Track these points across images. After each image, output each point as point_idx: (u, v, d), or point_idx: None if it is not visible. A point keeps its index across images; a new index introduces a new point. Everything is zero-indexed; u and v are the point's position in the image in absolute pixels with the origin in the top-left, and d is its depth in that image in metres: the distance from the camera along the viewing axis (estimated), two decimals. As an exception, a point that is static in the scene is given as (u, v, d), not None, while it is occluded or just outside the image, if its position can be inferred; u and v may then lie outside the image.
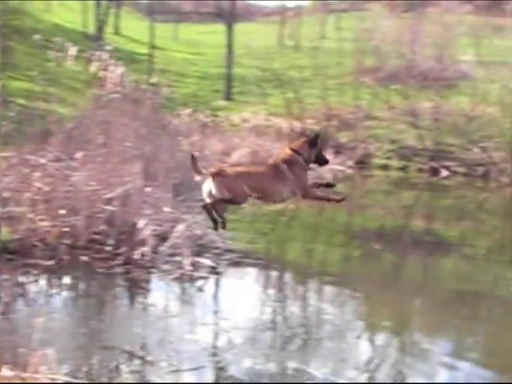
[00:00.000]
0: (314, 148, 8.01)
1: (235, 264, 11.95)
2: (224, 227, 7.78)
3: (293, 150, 7.98)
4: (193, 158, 7.49)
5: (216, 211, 7.63)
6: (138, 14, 57.13)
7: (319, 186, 8.13)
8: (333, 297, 11.27)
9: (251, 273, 12.07)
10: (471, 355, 8.97)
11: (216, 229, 7.63)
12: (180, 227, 11.84)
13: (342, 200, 8.09)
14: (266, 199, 7.99)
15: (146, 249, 11.32)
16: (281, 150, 8.19)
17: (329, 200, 8.07)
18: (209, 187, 7.47)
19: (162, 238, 11.78)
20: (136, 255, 11.23)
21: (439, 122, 28.26)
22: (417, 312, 10.62)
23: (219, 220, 7.64)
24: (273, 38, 44.78)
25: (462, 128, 28.01)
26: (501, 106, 29.12)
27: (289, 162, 7.89)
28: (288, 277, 12.81)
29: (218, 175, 7.43)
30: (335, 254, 14.91)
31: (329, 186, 8.20)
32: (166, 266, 11.17)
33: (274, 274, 12.70)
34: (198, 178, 7.53)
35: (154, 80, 20.58)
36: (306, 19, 47.60)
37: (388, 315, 10.20)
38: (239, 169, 7.77)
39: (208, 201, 7.46)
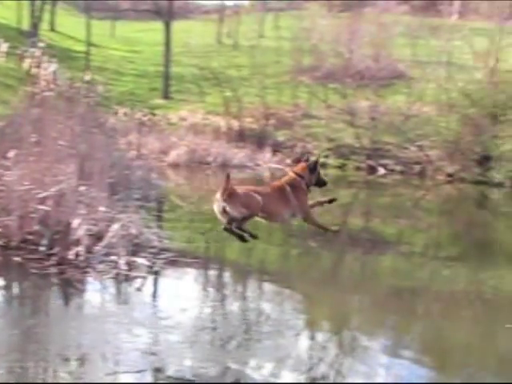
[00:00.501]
0: (314, 173, 8.74)
1: (173, 263, 11.81)
2: (254, 237, 8.42)
3: (296, 173, 8.66)
4: (228, 177, 8.07)
5: (239, 229, 8.21)
6: (74, 10, 56.39)
7: (322, 203, 8.88)
8: (272, 295, 11.21)
9: (190, 272, 11.94)
10: (409, 353, 9.00)
11: (245, 240, 8.24)
12: (115, 226, 11.65)
13: (337, 232, 8.92)
14: (269, 219, 8.58)
15: (80, 249, 11.10)
16: (284, 174, 8.87)
17: (326, 229, 8.74)
18: (222, 207, 8.03)
19: (98, 237, 11.57)
20: (70, 255, 11.00)
21: (376, 120, 28.49)
22: (355, 309, 10.62)
23: (246, 234, 8.26)
24: (211, 36, 44.63)
25: (398, 127, 28.28)
26: (436, 105, 29.50)
27: (292, 185, 8.56)
28: (227, 276, 12.73)
29: (230, 195, 8.00)
30: (274, 252, 14.87)
31: (331, 201, 8.96)
32: (101, 266, 10.97)
33: (213, 273, 12.61)
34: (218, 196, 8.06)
35: (87, 77, 20.27)
36: (245, 18, 47.53)
37: (327, 313, 10.19)
38: (248, 187, 8.37)
39: (223, 220, 8.07)
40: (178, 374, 7.74)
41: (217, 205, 8.10)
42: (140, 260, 11.38)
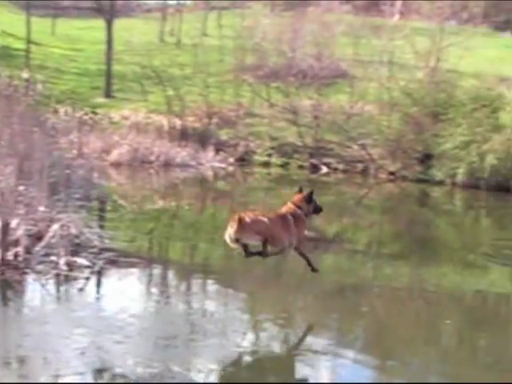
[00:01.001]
0: (310, 203, 9.75)
1: (115, 263, 11.66)
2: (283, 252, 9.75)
3: (296, 205, 9.63)
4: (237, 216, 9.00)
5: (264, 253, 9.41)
6: (13, 7, 55.49)
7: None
8: (216, 295, 11.15)
9: (133, 272, 11.81)
10: (352, 353, 9.01)
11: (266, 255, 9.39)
12: (55, 226, 11.48)
13: (316, 271, 9.85)
14: (271, 243, 9.35)
15: (19, 249, 10.91)
16: (284, 205, 9.71)
17: (309, 264, 9.80)
18: (234, 239, 9.10)
19: (37, 237, 11.39)
20: (9, 256, 10.82)
21: (319, 119, 28.62)
22: (299, 308, 10.61)
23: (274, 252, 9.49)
24: (153, 34, 44.34)
25: (341, 125, 28.44)
26: (378, 104, 29.74)
27: (294, 215, 9.53)
28: (171, 275, 12.63)
29: (241, 228, 8.98)
30: (217, 251, 14.81)
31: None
32: (40, 267, 10.78)
33: (157, 272, 12.50)
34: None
35: (26, 75, 19.92)
36: (187, 16, 47.32)
37: (271, 312, 10.15)
38: (254, 213, 9.30)
39: (233, 245, 9.20)
40: (120, 374, 7.63)
41: (229, 237, 9.08)
42: (80, 260, 11.22)
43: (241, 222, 8.97)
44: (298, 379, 7.97)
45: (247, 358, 8.34)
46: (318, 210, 9.98)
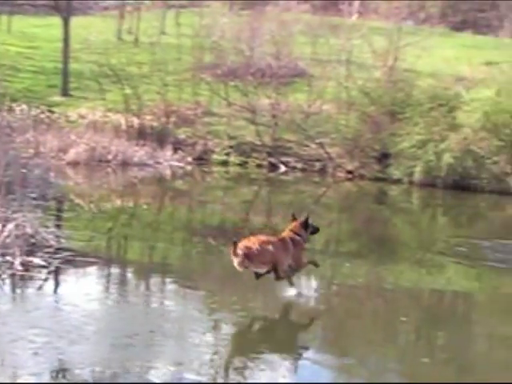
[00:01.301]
0: (307, 228, 10.60)
1: (71, 263, 11.55)
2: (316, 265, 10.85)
3: (294, 232, 10.42)
4: (235, 244, 9.69)
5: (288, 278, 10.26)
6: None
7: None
8: (175, 295, 11.10)
9: (90, 271, 11.71)
10: (311, 352, 9.03)
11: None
12: (10, 226, 11.34)
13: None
14: (276, 267, 9.99)
15: (-27, 250, 10.78)
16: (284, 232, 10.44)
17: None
18: (243, 267, 9.72)
19: (-8, 238, 11.25)
20: (-37, 256, 10.68)
21: (277, 118, 28.63)
22: (258, 308, 10.59)
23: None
24: (111, 32, 43.96)
25: (299, 124, 28.48)
26: (336, 103, 29.84)
27: (293, 241, 10.30)
28: (129, 275, 12.53)
29: (248, 258, 9.65)
30: (176, 251, 14.76)
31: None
32: (-5, 267, 10.66)
33: (115, 272, 12.42)
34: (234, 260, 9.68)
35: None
36: (145, 14, 47.03)
37: (230, 312, 10.12)
38: (260, 238, 10.00)
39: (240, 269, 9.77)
40: (78, 375, 7.55)
41: (237, 265, 9.71)
42: (36, 260, 11.10)
43: (247, 254, 9.64)
44: (256, 380, 7.94)
45: (205, 358, 8.30)
46: (315, 231, 10.89)
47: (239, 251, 9.62)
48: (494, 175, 26.03)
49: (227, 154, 27.81)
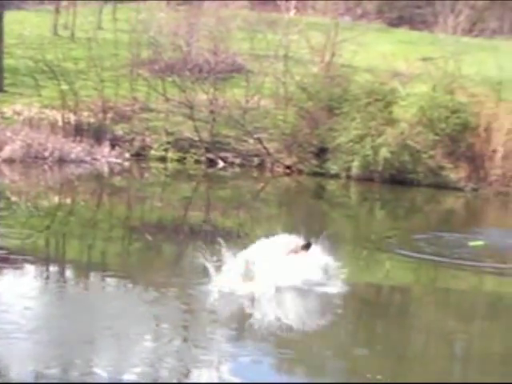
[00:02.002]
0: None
1: (7, 261, 11.40)
2: None
3: None
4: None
5: None
6: None
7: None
8: (114, 292, 11.02)
9: (27, 270, 11.56)
10: (249, 349, 9.05)
11: None
12: None
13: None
14: None
15: None
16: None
17: None
18: None
19: None
20: None
21: (215, 113, 28.57)
22: (200, 301, 10.59)
23: None
24: (46, 27, 43.38)
25: (237, 120, 28.47)
26: (274, 98, 29.91)
27: None
28: (67, 273, 12.41)
29: None
30: (115, 248, 14.67)
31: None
32: None
33: (52, 270, 12.28)
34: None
35: None
36: (81, 9, 46.52)
37: (171, 306, 10.10)
38: None
39: None
40: (18, 376, 7.44)
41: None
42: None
43: None
44: (201, 369, 7.94)
45: (146, 356, 8.26)
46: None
47: None
48: (430, 169, 26.43)
49: (165, 150, 27.66)
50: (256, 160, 27.84)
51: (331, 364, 8.64)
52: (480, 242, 16.16)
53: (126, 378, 7.61)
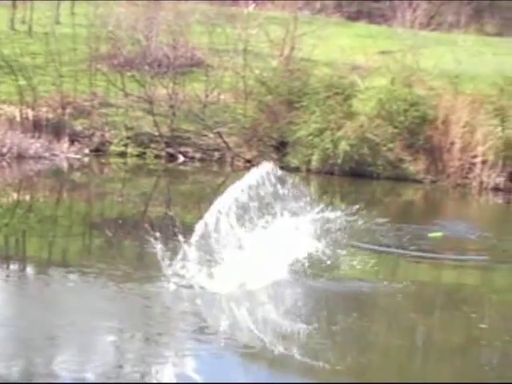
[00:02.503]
0: None
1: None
2: None
3: None
4: None
5: None
6: None
7: None
8: (76, 288, 10.99)
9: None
10: (214, 337, 9.08)
11: None
12: None
13: None
14: None
15: None
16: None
17: None
18: None
19: None
20: None
21: (175, 108, 28.49)
22: (160, 301, 10.60)
23: None
24: (3, 22, 42.94)
25: (197, 114, 28.44)
26: (234, 92, 29.91)
27: None
28: (27, 271, 12.33)
29: None
30: (75, 245, 14.61)
31: None
32: None
33: (12, 268, 12.21)
34: None
35: None
36: (39, 3, 46.09)
37: (130, 303, 10.09)
38: None
39: None
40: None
41: None
42: None
43: None
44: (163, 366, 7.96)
45: (108, 354, 8.26)
46: None
47: None
48: (389, 162, 26.65)
49: (125, 145, 27.53)
50: (216, 154, 27.84)
51: (293, 357, 8.69)
52: (439, 234, 16.36)
53: (88, 375, 7.60)
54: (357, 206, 12.47)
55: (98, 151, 27.16)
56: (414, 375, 8.75)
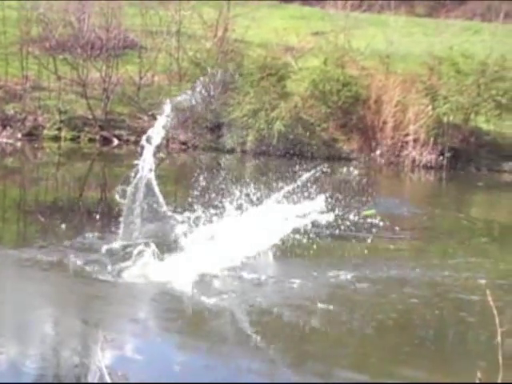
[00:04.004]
0: None
1: None
2: None
3: None
4: None
5: None
6: None
7: None
8: (12, 276, 10.94)
9: None
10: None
11: None
12: None
13: None
14: None
15: None
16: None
17: None
18: None
19: None
20: None
21: (108, 91, 28.29)
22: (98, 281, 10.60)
23: None
24: None
25: (131, 97, 28.32)
26: (168, 74, 29.84)
27: None
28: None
29: None
30: (10, 231, 14.49)
31: None
32: None
33: None
34: None
35: None
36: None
37: (70, 287, 10.07)
38: None
39: None
40: None
41: None
42: None
43: None
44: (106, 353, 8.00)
45: (47, 339, 8.27)
46: None
47: None
48: (323, 141, 26.97)
49: (58, 129, 27.25)
50: (151, 137, 27.73)
51: (234, 339, 8.82)
52: (372, 211, 16.64)
53: (28, 363, 7.61)
54: (291, 187, 12.53)
55: (31, 135, 26.83)
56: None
